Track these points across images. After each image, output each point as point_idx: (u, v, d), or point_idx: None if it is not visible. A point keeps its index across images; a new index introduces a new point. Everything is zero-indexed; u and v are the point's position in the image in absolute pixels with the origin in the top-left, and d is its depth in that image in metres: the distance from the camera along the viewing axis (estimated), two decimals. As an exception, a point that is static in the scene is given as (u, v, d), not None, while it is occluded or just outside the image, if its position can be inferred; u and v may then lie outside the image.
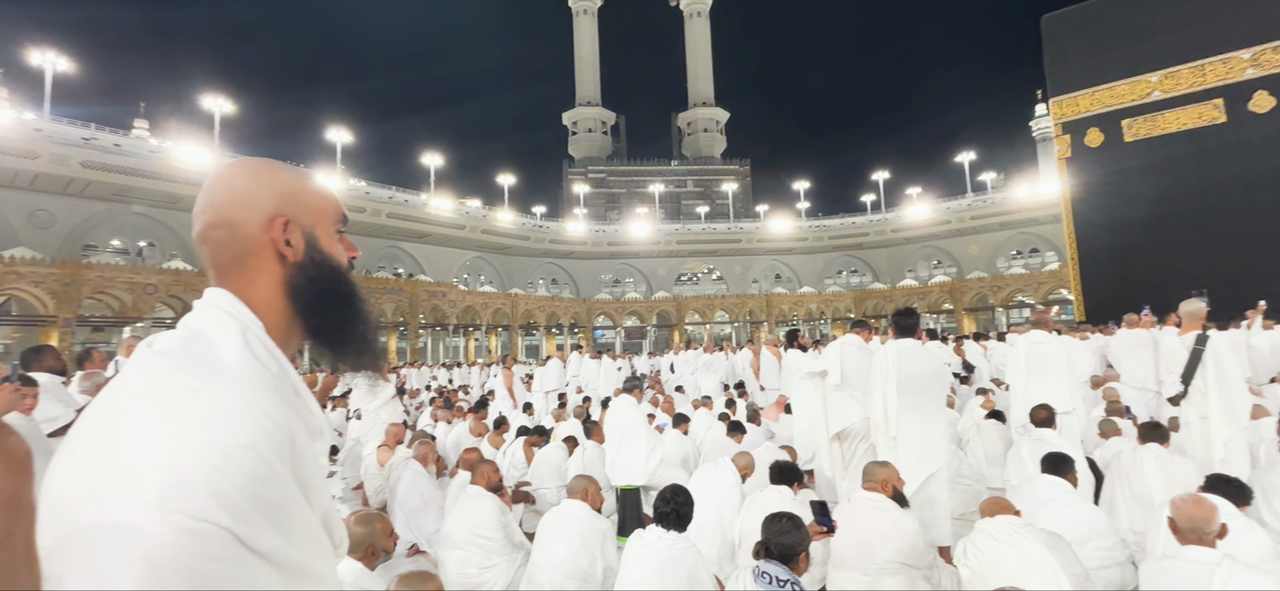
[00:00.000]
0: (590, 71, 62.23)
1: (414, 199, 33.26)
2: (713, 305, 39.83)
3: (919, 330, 4.47)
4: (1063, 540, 2.82)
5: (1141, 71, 16.72)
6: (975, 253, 37.98)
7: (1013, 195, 36.00)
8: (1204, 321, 5.11)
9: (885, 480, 3.50)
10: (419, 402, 12.43)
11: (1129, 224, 16.18)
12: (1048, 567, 2.67)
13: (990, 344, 11.23)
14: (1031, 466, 4.27)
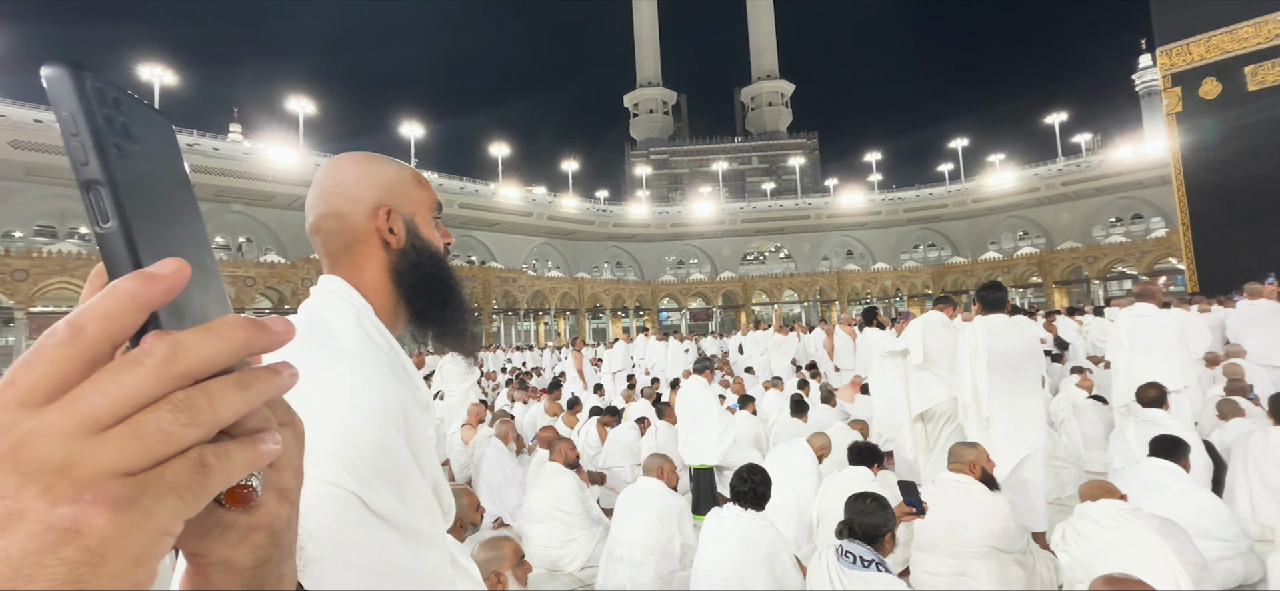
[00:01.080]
0: (650, 52, 61.86)
1: (483, 189, 34.37)
2: (781, 284, 39.04)
3: (1008, 305, 4.22)
4: (1177, 527, 2.62)
5: (1268, 10, 14.87)
6: (1067, 221, 35.29)
7: (1111, 157, 33.10)
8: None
9: (973, 461, 3.36)
10: (496, 384, 12.92)
11: (1252, 183, 14.54)
12: (1161, 555, 2.49)
13: (1086, 319, 10.46)
14: (1138, 449, 3.96)
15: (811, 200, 42.84)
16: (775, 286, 38.89)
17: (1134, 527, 2.61)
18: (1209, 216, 15.42)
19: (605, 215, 40.55)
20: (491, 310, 31.22)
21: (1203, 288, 13.97)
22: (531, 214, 36.10)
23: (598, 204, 41.08)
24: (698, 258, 44.33)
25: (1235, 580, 3.15)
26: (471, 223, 34.43)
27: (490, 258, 35.57)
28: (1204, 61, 15.93)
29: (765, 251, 46.01)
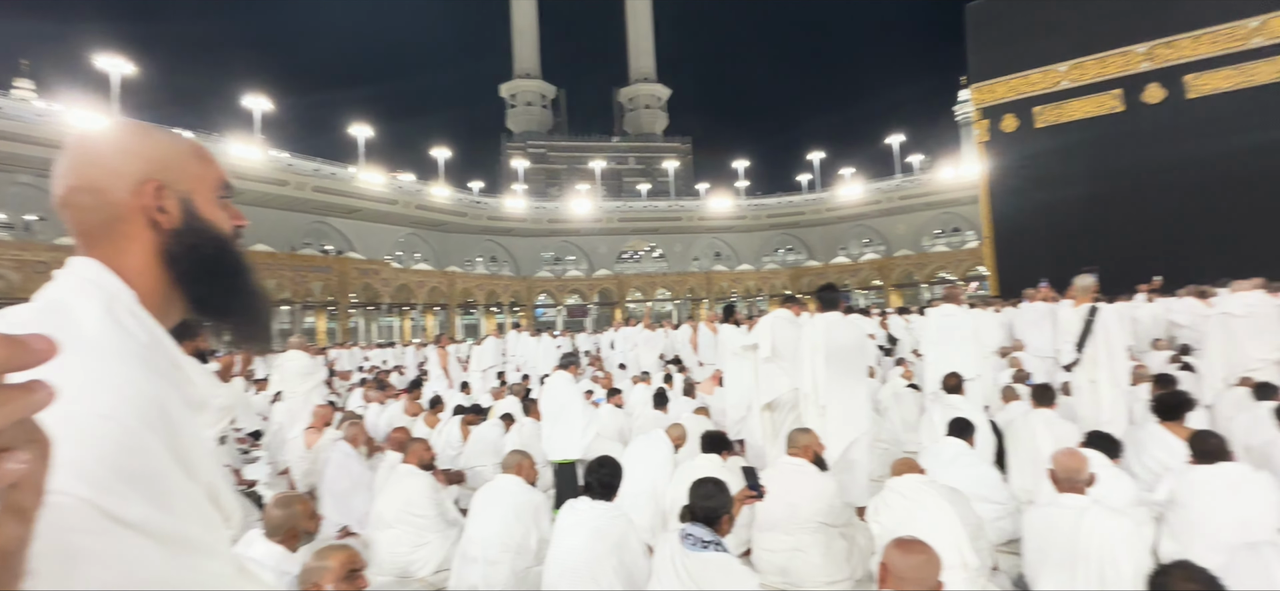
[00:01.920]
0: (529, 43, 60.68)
1: (342, 172, 31.71)
2: (654, 282, 40.15)
3: (841, 304, 4.69)
4: (961, 494, 3.08)
5: (1051, 61, 17.83)
6: (903, 231, 39.78)
7: (937, 176, 37.84)
8: (1095, 295, 5.60)
9: (806, 445, 3.69)
10: (351, 384, 12.02)
11: (1037, 205, 17.37)
12: (947, 520, 2.91)
13: (913, 317, 11.89)
14: (940, 430, 4.59)
15: (684, 203, 44.46)
16: (649, 284, 39.93)
17: (929, 497, 3.03)
18: (1007, 232, 18.17)
19: (480, 207, 39.18)
20: (349, 304, 28.97)
21: (1002, 292, 16.44)
22: (398, 202, 33.90)
23: (472, 195, 39.59)
24: (575, 254, 44.28)
25: (1006, 536, 3.77)
26: (328, 208, 31.63)
27: (350, 247, 32.95)
28: (1006, 100, 18.73)
29: (640, 250, 47.02)
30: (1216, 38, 15.89)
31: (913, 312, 12.52)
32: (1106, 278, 11.72)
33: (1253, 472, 3.07)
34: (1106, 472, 3.34)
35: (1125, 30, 16.86)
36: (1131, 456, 3.97)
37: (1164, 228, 15.34)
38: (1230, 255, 11.29)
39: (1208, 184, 15.28)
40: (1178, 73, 16.34)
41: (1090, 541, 2.54)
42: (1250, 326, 6.14)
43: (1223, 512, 2.92)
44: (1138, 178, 16.22)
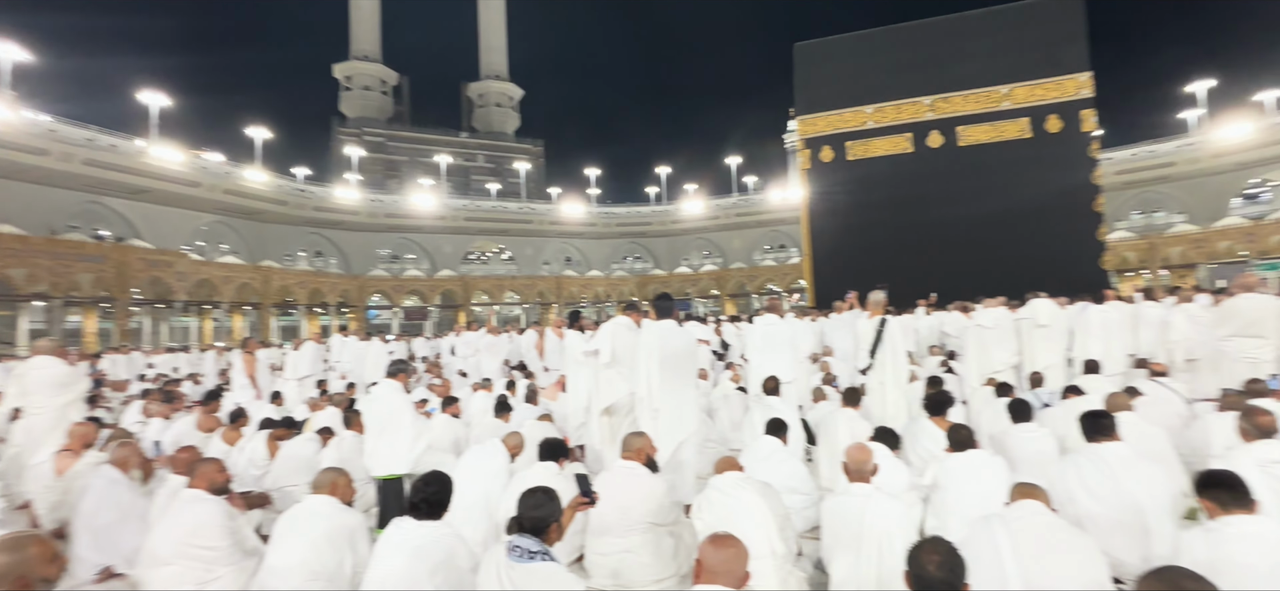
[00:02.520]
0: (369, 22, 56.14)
1: (126, 145, 26.71)
2: (502, 286, 39.15)
3: (676, 312, 4.93)
4: (772, 488, 3.38)
5: (860, 103, 20.45)
6: (738, 245, 43.03)
7: (768, 198, 41.56)
8: (885, 308, 6.49)
9: (640, 448, 3.82)
10: (127, 397, 10.15)
11: (847, 227, 19.77)
12: (759, 513, 3.18)
13: (742, 325, 12.87)
14: (760, 429, 5.02)
15: (536, 206, 43.97)
16: (497, 287, 38.84)
17: (744, 492, 3.29)
18: (823, 250, 20.42)
19: (304, 195, 35.27)
20: (129, 301, 24.46)
21: (818, 303, 18.40)
22: (201, 184, 29.32)
23: (295, 182, 35.54)
24: (415, 252, 41.68)
25: (810, 524, 4.20)
26: (105, 186, 26.43)
27: (134, 234, 27.86)
28: (825, 133, 21.09)
29: (488, 251, 45.61)
30: (979, 98, 19.34)
31: (743, 320, 13.55)
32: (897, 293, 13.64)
33: (991, 458, 3.76)
34: (888, 463, 3.88)
35: (915, 83, 19.86)
36: (908, 447, 4.65)
37: (940, 252, 18.26)
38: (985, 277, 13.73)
39: (972, 217, 18.50)
40: (953, 124, 19.60)
41: (872, 524, 2.93)
42: (996, 336, 7.53)
43: (970, 492, 3.53)
44: (923, 209, 19.15)
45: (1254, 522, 2.42)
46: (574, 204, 43.66)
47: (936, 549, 1.90)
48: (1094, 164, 18.44)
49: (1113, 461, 3.34)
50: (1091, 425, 3.53)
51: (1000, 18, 19.44)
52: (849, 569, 2.94)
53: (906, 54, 20.11)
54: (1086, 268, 17.15)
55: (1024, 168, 18.51)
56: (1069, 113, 18.54)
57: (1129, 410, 4.38)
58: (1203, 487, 2.56)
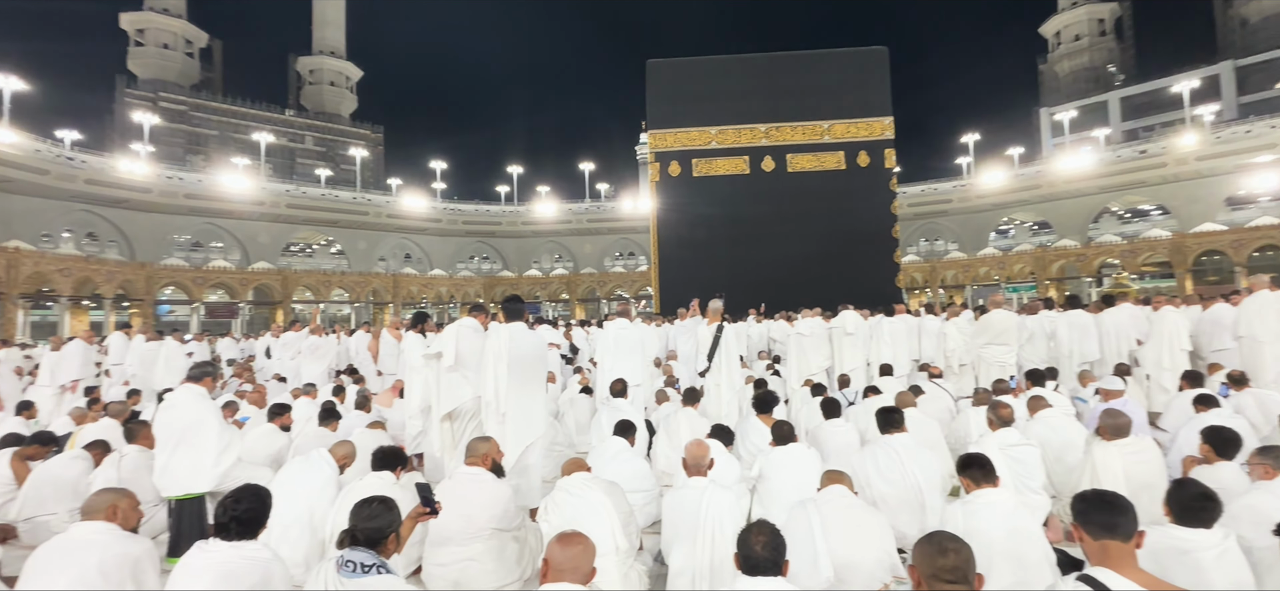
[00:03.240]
0: (170, -30, 48.31)
1: None
2: (330, 281, 35.62)
3: (526, 314, 4.89)
4: (618, 487, 3.50)
5: (705, 124, 21.84)
6: (589, 251, 43.54)
7: (620, 206, 42.62)
8: (722, 315, 6.99)
9: (486, 454, 3.73)
10: None
11: (692, 239, 20.98)
12: (605, 510, 3.27)
13: (592, 329, 13.06)
14: (608, 430, 5.15)
15: (372, 197, 40.69)
16: (323, 283, 35.27)
17: (591, 492, 3.36)
18: (670, 259, 21.45)
19: (74, 165, 29.18)
20: None
21: (664, 310, 19.25)
22: (-90, 139, 23.01)
23: (60, 146, 29.30)
24: (224, 240, 36.47)
25: (652, 518, 4.40)
26: None
27: None
28: (674, 148, 22.19)
29: (315, 244, 41.32)
30: (805, 130, 21.62)
31: (592, 325, 13.75)
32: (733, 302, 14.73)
33: (807, 450, 4.23)
34: (722, 457, 4.19)
35: (753, 111, 21.69)
36: (739, 442, 5.06)
37: (770, 266, 20.09)
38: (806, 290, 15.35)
39: (797, 236, 20.60)
40: (784, 151, 21.69)
41: (707, 514, 3.15)
42: (813, 343, 8.46)
43: (790, 480, 3.94)
44: (757, 226, 20.92)
45: (996, 494, 3.00)
46: (416, 197, 41.15)
47: (763, 530, 2.11)
48: (893, 196, 21.48)
49: (900, 450, 3.93)
50: (884, 419, 4.13)
51: (824, 60, 22.03)
52: (686, 557, 3.14)
53: (746, 83, 21.90)
54: (884, 285, 19.91)
55: (839, 196, 21.04)
56: (875, 150, 21.43)
57: (913, 406, 5.18)
58: (962, 468, 3.13)
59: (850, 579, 2.88)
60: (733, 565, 2.17)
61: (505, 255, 44.08)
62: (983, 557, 2.80)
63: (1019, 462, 4.04)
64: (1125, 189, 34.59)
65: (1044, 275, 32.38)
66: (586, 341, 11.79)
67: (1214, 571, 2.46)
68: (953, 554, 1.87)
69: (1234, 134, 30.43)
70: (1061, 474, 4.31)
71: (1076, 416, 5.52)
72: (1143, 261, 30.74)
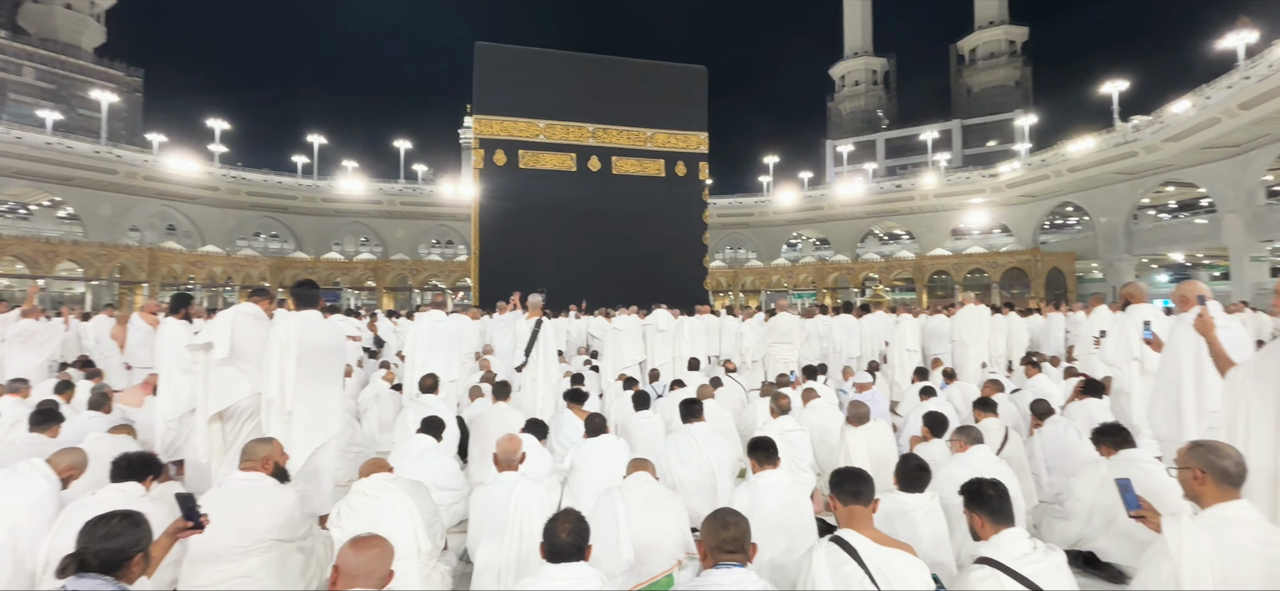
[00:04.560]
0: None
1: None
2: (56, 252, 28.59)
3: (320, 301, 4.43)
4: (422, 486, 3.34)
5: (533, 116, 21.61)
6: (401, 236, 40.53)
7: (439, 190, 40.26)
8: (542, 310, 7.01)
9: (266, 457, 3.32)
10: None
11: (516, 231, 20.61)
12: (407, 512, 3.11)
13: (402, 322, 12.21)
14: (414, 428, 4.88)
15: (124, 153, 33.35)
16: (47, 253, 28.18)
17: (392, 493, 3.17)
18: (491, 250, 20.83)
19: None
20: None
21: (482, 302, 18.67)
22: None
23: None
24: (-122, 189, 27.35)
25: (460, 517, 4.28)
26: None
27: None
28: (499, 137, 21.59)
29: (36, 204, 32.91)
30: (630, 136, 22.48)
31: (401, 317, 12.86)
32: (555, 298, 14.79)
33: (617, 441, 4.43)
34: (535, 451, 4.22)
35: (582, 109, 21.98)
36: (553, 435, 5.13)
37: (593, 263, 20.55)
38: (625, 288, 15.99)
39: (618, 235, 21.34)
40: (609, 153, 22.31)
41: (516, 508, 3.16)
42: (628, 338, 8.85)
43: (600, 470, 4.10)
44: (581, 223, 21.25)
45: (775, 475, 3.44)
46: (186, 159, 34.69)
47: (568, 518, 2.18)
48: (705, 206, 23.28)
49: (698, 437, 4.30)
50: (686, 410, 4.49)
51: (650, 70, 23.09)
52: (492, 554, 3.11)
53: (576, 81, 22.10)
54: (694, 287, 21.51)
55: (658, 201, 22.24)
56: (691, 162, 23.03)
57: (711, 398, 5.70)
58: (749, 451, 3.53)
59: (650, 558, 3.09)
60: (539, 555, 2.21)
61: (300, 234, 39.19)
62: (763, 529, 3.21)
63: (793, 446, 4.66)
64: (884, 216, 41.48)
65: (822, 284, 37.52)
66: (394, 334, 10.99)
67: (923, 526, 3.09)
68: (733, 527, 2.12)
69: (958, 179, 38.13)
70: (825, 454, 5.07)
71: (839, 406, 6.52)
72: (894, 277, 37.17)
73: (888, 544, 2.41)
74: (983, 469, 3.43)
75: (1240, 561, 2.18)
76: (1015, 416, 5.52)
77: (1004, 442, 4.43)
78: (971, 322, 8.97)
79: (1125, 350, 5.13)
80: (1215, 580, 2.19)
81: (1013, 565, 2.24)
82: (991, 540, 2.37)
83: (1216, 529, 2.25)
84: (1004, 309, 10.61)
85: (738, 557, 2.09)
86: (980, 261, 35.12)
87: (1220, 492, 2.32)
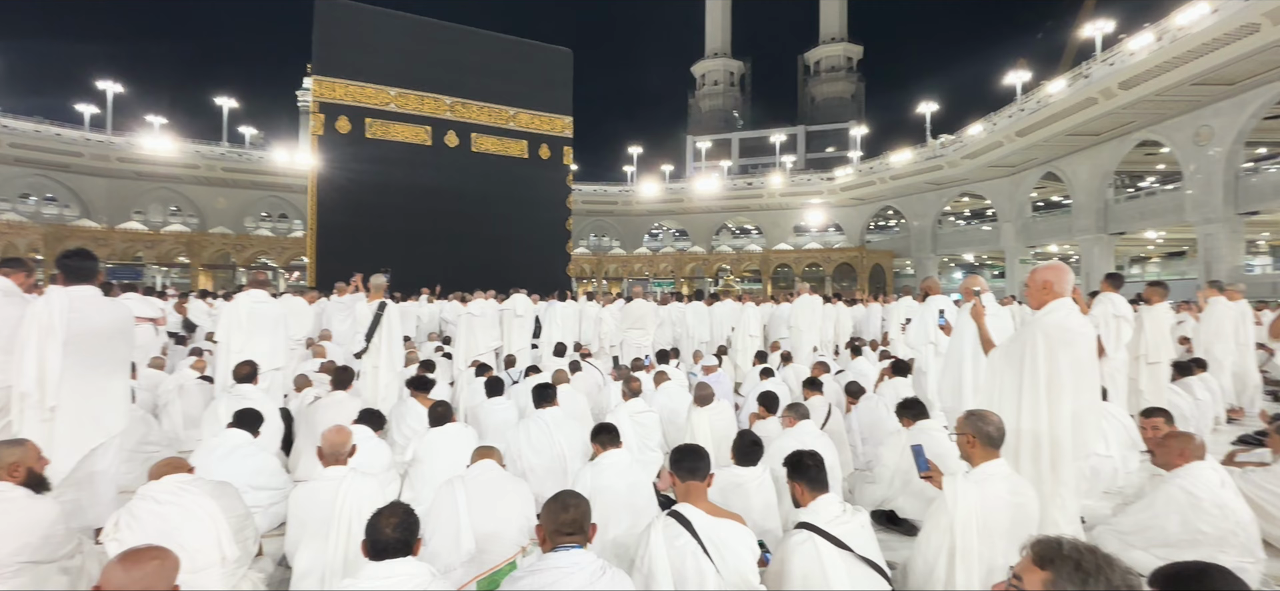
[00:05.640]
0: None
1: None
2: None
3: (100, 275, 3.73)
4: (228, 487, 2.95)
5: (384, 83, 19.97)
6: (223, 206, 35.61)
7: (270, 156, 35.82)
8: (386, 291, 6.51)
9: (15, 463, 2.74)
10: None
11: (361, 206, 18.97)
12: (210, 517, 2.73)
13: (220, 303, 10.73)
14: (226, 421, 4.30)
15: None
16: None
17: (190, 497, 2.75)
18: (331, 226, 18.96)
19: None
20: None
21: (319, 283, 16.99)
22: None
23: None
24: None
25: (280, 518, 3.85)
26: None
27: None
28: (344, 102, 19.66)
29: None
30: (491, 113, 21.64)
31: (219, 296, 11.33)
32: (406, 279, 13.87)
33: (464, 429, 4.25)
34: (370, 444, 3.91)
35: (439, 81, 20.72)
36: (394, 426, 4.80)
37: (449, 243, 19.57)
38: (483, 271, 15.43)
39: (477, 216, 20.52)
40: (469, 129, 21.30)
41: (344, 506, 2.90)
42: (483, 324, 8.55)
43: (445, 461, 3.91)
44: (437, 201, 20.11)
45: (618, 455, 3.50)
46: (-84, 96, 27.49)
47: (394, 512, 2.04)
48: (569, 192, 23.14)
49: (550, 422, 4.26)
50: (539, 395, 4.42)
51: (513, 46, 22.30)
52: (314, 556, 2.83)
53: (433, 49, 20.75)
54: (557, 272, 21.36)
55: (520, 183, 21.69)
56: (556, 146, 22.73)
57: (567, 382, 5.68)
58: (593, 437, 3.55)
59: (493, 547, 3.00)
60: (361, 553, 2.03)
61: (88, 199, 32.87)
62: (608, 509, 3.25)
63: (643, 427, 4.80)
64: (737, 211, 44.15)
65: (681, 274, 39.11)
66: (208, 317, 9.64)
67: (755, 496, 3.33)
68: (573, 509, 2.11)
69: (800, 180, 41.64)
70: (674, 433, 5.28)
71: (689, 388, 6.83)
72: (744, 268, 39.79)
73: (720, 515, 2.54)
74: (808, 442, 3.78)
75: (997, 510, 2.60)
76: (838, 394, 6.16)
77: (827, 418, 4.91)
78: (806, 311, 9.84)
79: (923, 335, 5.92)
80: (979, 527, 2.60)
81: (826, 527, 2.48)
82: (809, 506, 2.60)
83: (981, 484, 2.66)
84: (833, 299, 11.79)
85: (577, 539, 2.09)
86: (817, 256, 38.75)
87: (985, 453, 2.75)
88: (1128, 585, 1.15)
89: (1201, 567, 1.49)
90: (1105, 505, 4.17)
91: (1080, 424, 2.99)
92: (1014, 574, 1.29)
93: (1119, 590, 1.14)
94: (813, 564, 2.40)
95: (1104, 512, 3.94)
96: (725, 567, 2.39)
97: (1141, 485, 4.27)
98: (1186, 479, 3.21)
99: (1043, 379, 3.00)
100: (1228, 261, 20.69)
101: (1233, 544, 3.09)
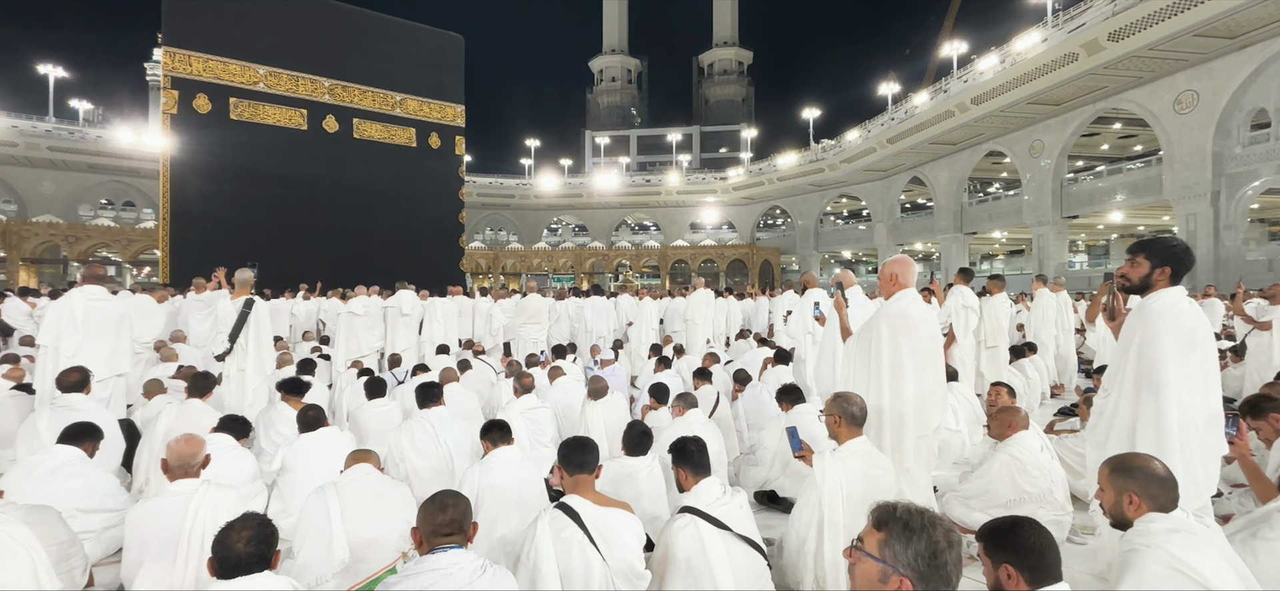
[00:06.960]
0: None
1: None
2: None
3: None
4: (49, 511, 2.59)
5: (251, 60, 18.20)
6: (50, 191, 30.88)
7: (112, 136, 31.47)
8: (252, 288, 5.95)
9: None
10: None
11: (224, 194, 17.20)
12: (19, 545, 2.36)
13: (45, 301, 9.30)
14: (50, 437, 3.75)
15: None
16: None
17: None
18: (189, 215, 17.04)
19: None
20: None
21: (173, 279, 15.22)
22: None
23: None
24: None
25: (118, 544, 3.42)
26: None
27: None
28: (202, 78, 17.69)
29: None
30: (375, 98, 20.39)
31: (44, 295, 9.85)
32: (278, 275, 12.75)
33: (339, 433, 4.00)
34: (231, 453, 3.57)
35: (315, 61, 19.21)
36: (262, 433, 4.42)
37: (328, 236, 18.23)
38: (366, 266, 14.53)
39: (360, 207, 19.28)
40: (350, 114, 19.93)
41: (195, 522, 2.63)
42: (366, 323, 8.06)
43: (318, 467, 3.65)
44: (314, 190, 18.66)
45: (510, 451, 3.44)
46: None
47: (247, 524, 1.88)
48: (461, 183, 22.32)
49: (435, 423, 4.10)
50: (423, 394, 4.24)
51: (398, 29, 21.12)
52: (158, 580, 2.54)
53: (307, 26, 19.22)
54: (449, 267, 20.56)
55: (409, 173, 20.64)
56: (447, 135, 21.84)
57: (456, 381, 5.49)
58: (482, 435, 3.47)
59: (371, 555, 2.85)
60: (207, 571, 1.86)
61: None
62: (498, 506, 3.19)
63: (535, 423, 4.75)
64: (636, 208, 44.71)
65: (581, 269, 39.02)
66: (29, 318, 8.35)
67: (644, 484, 3.41)
68: (451, 508, 2.05)
69: (696, 179, 42.91)
70: (568, 428, 5.27)
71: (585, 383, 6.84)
72: (643, 264, 40.42)
73: (607, 504, 2.58)
74: (696, 430, 3.92)
75: (858, 484, 2.84)
76: (727, 383, 6.43)
77: (715, 406, 5.12)
78: (699, 304, 10.17)
79: (802, 326, 6.32)
80: (844, 499, 2.83)
81: (707, 509, 2.59)
82: (692, 490, 2.70)
83: (845, 460, 2.90)
84: (725, 293, 12.29)
85: (456, 539, 2.03)
86: (711, 253, 40.17)
87: (850, 432, 2.99)
88: (948, 539, 1.31)
89: (1015, 521, 1.73)
90: (954, 474, 4.68)
91: (923, 402, 3.33)
92: (858, 537, 1.42)
93: (939, 542, 1.29)
94: (694, 545, 2.50)
95: (953, 481, 4.42)
96: (612, 556, 2.43)
97: (985, 455, 4.85)
98: (1015, 447, 3.68)
99: (886, 362, 3.31)
100: (1055, 259, 23.87)
101: (1050, 501, 3.58)
